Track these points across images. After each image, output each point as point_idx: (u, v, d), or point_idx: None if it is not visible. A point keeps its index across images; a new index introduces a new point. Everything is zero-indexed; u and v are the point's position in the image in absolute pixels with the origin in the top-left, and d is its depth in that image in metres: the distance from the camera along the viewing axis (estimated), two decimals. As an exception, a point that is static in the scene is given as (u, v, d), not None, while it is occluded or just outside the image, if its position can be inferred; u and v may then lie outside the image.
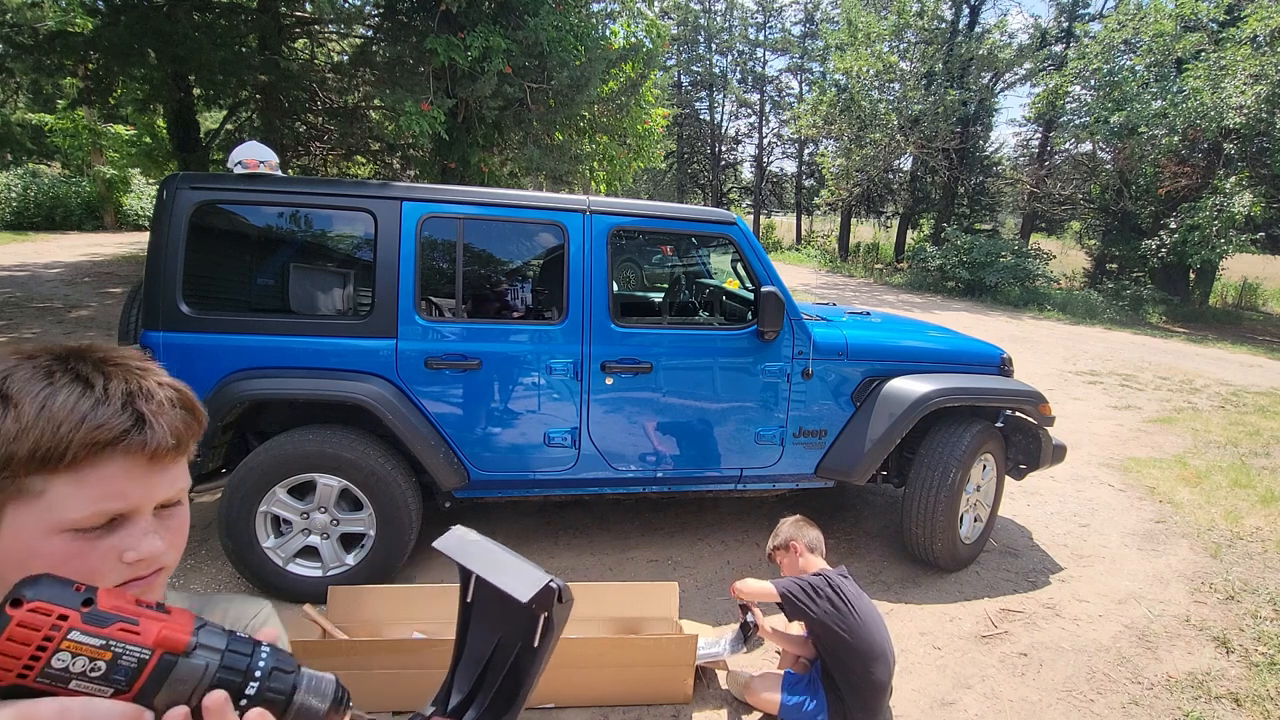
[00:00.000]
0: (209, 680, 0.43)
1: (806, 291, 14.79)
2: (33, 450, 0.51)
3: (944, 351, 3.74)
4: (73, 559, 0.53)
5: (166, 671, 0.42)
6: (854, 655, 2.30)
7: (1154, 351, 10.94)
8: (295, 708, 0.46)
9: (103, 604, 0.42)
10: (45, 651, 0.39)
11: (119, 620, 0.42)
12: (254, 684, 0.45)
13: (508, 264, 3.56)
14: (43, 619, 0.40)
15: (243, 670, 0.45)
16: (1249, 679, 2.84)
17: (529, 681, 0.48)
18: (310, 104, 10.25)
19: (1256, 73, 12.76)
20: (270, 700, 0.45)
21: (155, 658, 0.42)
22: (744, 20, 29.01)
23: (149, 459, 0.56)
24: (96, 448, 0.53)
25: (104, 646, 0.41)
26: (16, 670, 0.39)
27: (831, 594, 2.32)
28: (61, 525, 0.53)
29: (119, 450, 0.54)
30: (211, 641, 0.45)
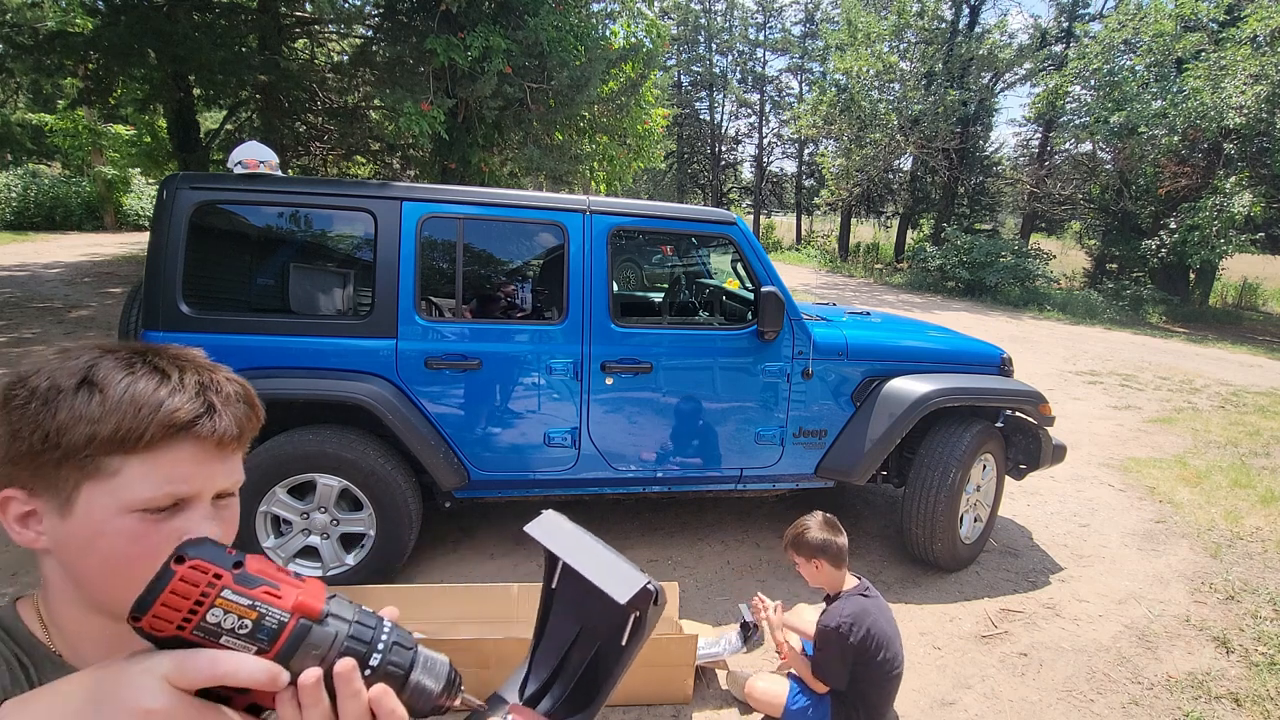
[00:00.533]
0: (338, 648, 0.45)
1: (806, 291, 14.79)
2: (114, 431, 0.55)
3: (944, 351, 3.74)
4: (138, 539, 0.57)
5: (302, 636, 0.44)
6: (875, 673, 2.27)
7: (1154, 351, 10.94)
8: (412, 684, 0.47)
9: (250, 568, 0.45)
10: (202, 606, 0.42)
11: (264, 584, 0.45)
12: (377, 656, 0.46)
13: (508, 264, 3.56)
14: (200, 576, 0.42)
15: (367, 641, 0.46)
16: (1249, 679, 2.84)
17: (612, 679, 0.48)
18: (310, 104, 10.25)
19: (1257, 73, 12.76)
20: (390, 674, 0.46)
21: (293, 621, 0.44)
22: (744, 20, 29.01)
23: (215, 446, 0.60)
24: (171, 430, 0.57)
25: (251, 606, 0.43)
26: (176, 622, 0.41)
27: (871, 624, 2.22)
28: (132, 505, 0.56)
29: (190, 435, 0.58)
30: (341, 612, 0.47)
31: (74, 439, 0.55)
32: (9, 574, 2.99)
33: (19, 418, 0.56)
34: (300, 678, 0.44)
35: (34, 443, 0.55)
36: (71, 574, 0.59)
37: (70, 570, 0.59)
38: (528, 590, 2.73)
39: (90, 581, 0.59)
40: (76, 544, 0.57)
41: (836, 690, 2.31)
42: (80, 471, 0.56)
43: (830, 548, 2.27)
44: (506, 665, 2.34)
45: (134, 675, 0.40)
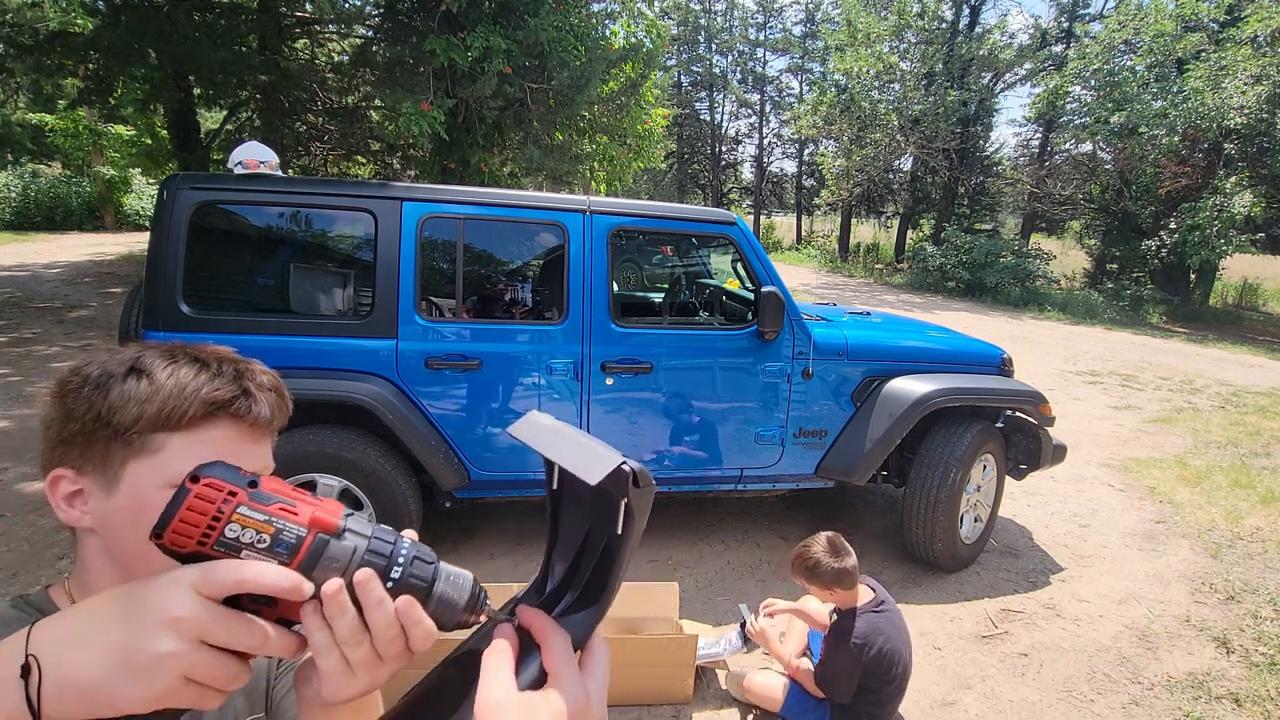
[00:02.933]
0: (358, 561, 0.46)
1: (806, 291, 14.79)
2: (160, 409, 0.61)
3: (944, 352, 3.74)
4: None
5: (321, 550, 0.46)
6: (883, 687, 2.26)
7: (1154, 352, 10.94)
8: (435, 597, 0.48)
9: (264, 486, 0.47)
10: (219, 521, 0.44)
11: (279, 501, 0.46)
12: (398, 569, 0.47)
13: (508, 264, 3.56)
14: (215, 493, 0.44)
15: (387, 555, 0.47)
16: (1249, 679, 2.83)
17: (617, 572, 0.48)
18: (310, 104, 10.25)
19: (1257, 73, 12.76)
20: (413, 586, 0.47)
21: (311, 536, 0.46)
22: (744, 20, 29.01)
23: (250, 427, 0.65)
24: (212, 408, 0.62)
25: (267, 521, 0.45)
26: (196, 537, 0.43)
27: (883, 643, 2.20)
28: (173, 479, 0.59)
29: (229, 414, 0.64)
30: (359, 528, 0.48)
31: (123, 417, 0.60)
32: (10, 574, 2.99)
33: (74, 400, 0.61)
34: (323, 587, 0.45)
35: (86, 422, 0.60)
36: (114, 550, 0.63)
37: (113, 546, 0.63)
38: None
39: (133, 555, 0.62)
40: (121, 518, 0.61)
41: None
42: (127, 448, 0.61)
43: (845, 577, 2.20)
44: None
45: (161, 586, 0.42)
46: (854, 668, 2.19)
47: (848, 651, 2.18)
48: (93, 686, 0.39)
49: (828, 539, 2.26)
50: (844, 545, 2.25)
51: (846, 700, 2.25)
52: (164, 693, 0.40)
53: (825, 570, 2.19)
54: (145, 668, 0.40)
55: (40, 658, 0.40)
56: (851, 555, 2.23)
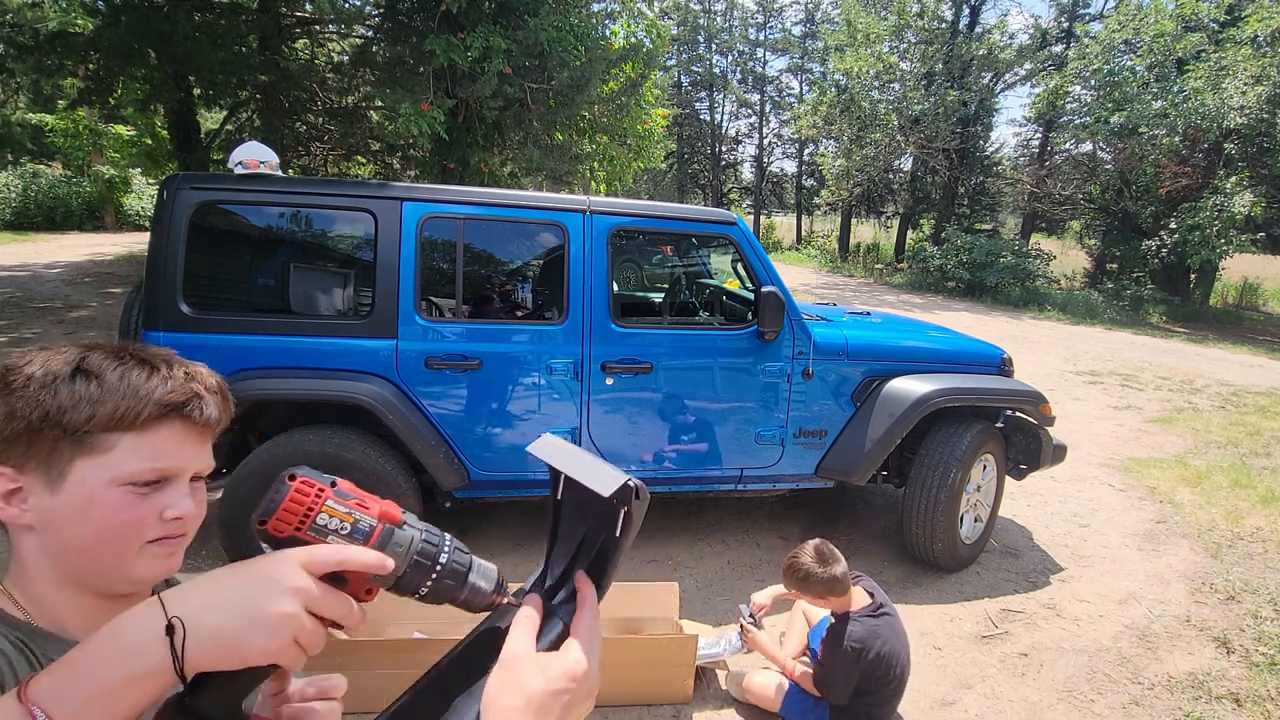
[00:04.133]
0: (416, 546, 0.55)
1: (806, 291, 14.79)
2: (113, 410, 0.62)
3: (944, 352, 3.74)
4: (125, 509, 0.63)
5: (389, 536, 0.54)
6: (881, 690, 2.27)
7: (1154, 351, 10.94)
8: (470, 584, 0.57)
9: (342, 486, 0.55)
10: (312, 512, 0.52)
11: (355, 498, 0.55)
12: (445, 555, 0.56)
13: (508, 264, 3.56)
14: (309, 488, 0.53)
15: (437, 545, 0.57)
16: (1249, 679, 2.83)
17: (612, 566, 0.58)
18: (310, 104, 10.25)
19: (1257, 73, 12.76)
20: (454, 570, 0.57)
21: (380, 525, 0.54)
22: (744, 20, 29.00)
23: (198, 429, 0.68)
24: (165, 410, 0.64)
25: (348, 513, 0.54)
26: (294, 524, 0.52)
27: (881, 646, 2.20)
28: (121, 478, 0.63)
29: (179, 416, 0.66)
30: (415, 523, 0.57)
31: (75, 417, 0.61)
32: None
33: (18, 399, 0.61)
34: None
35: (33, 421, 0.61)
36: (58, 547, 0.64)
37: (57, 543, 0.64)
38: (528, 590, 2.73)
39: (80, 551, 0.64)
40: (67, 515, 0.63)
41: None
42: (76, 447, 0.62)
43: (835, 584, 2.21)
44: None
45: (279, 563, 0.50)
46: (851, 671, 2.20)
47: (845, 655, 2.19)
48: (230, 639, 0.48)
49: (815, 548, 2.26)
50: (831, 553, 2.25)
51: (843, 702, 2.26)
52: (281, 648, 0.49)
53: (816, 579, 2.21)
54: (272, 625, 0.48)
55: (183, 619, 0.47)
56: (840, 562, 2.24)
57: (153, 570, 0.67)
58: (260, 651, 0.48)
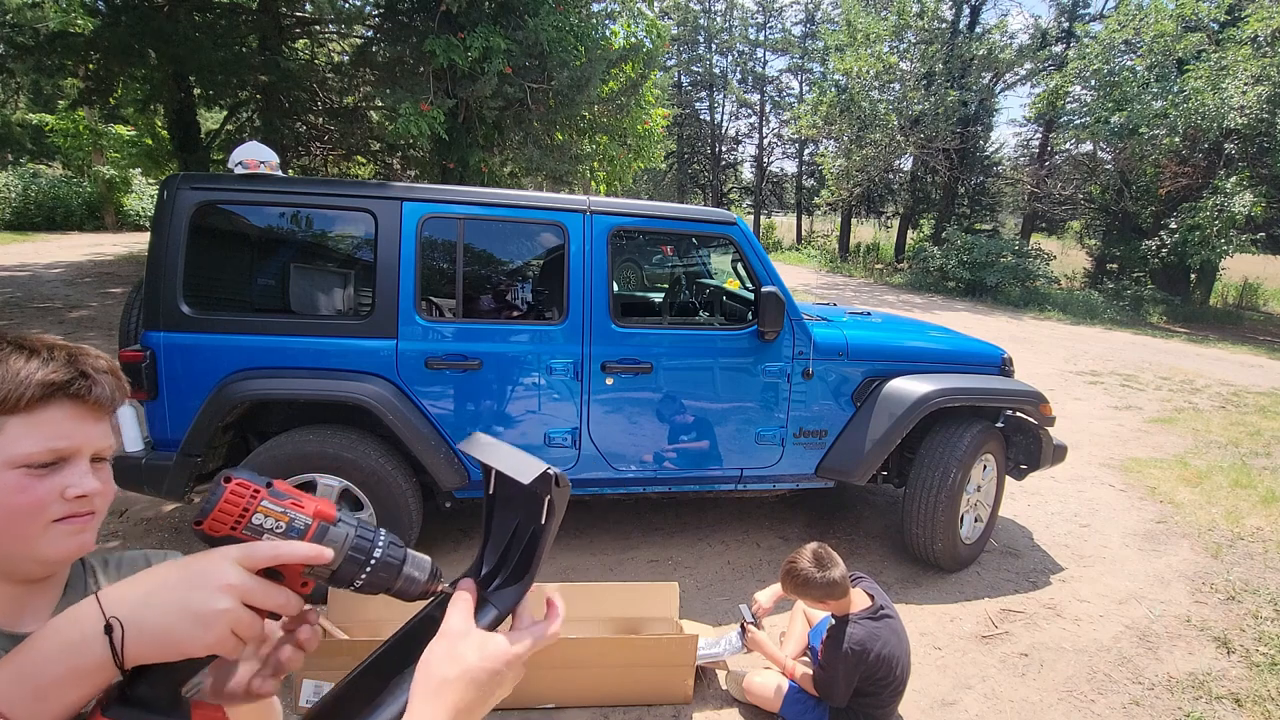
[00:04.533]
0: (350, 542, 0.59)
1: (807, 291, 14.78)
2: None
3: (944, 352, 3.74)
4: (22, 491, 0.63)
5: (324, 532, 0.58)
6: (881, 691, 2.27)
7: (1154, 351, 10.94)
8: (404, 574, 0.61)
9: (279, 487, 0.59)
10: (248, 512, 0.56)
11: (291, 497, 0.59)
12: (379, 549, 0.60)
13: (508, 264, 3.56)
14: (245, 490, 0.56)
15: (370, 539, 0.60)
16: (1250, 679, 2.83)
17: (539, 554, 0.61)
18: (310, 104, 10.25)
19: (1257, 73, 12.75)
20: (388, 564, 0.60)
21: (315, 523, 0.58)
22: (744, 20, 29.00)
23: (89, 408, 0.67)
24: (49, 389, 0.64)
25: (284, 512, 0.57)
26: (229, 524, 0.55)
27: (880, 648, 2.21)
28: (14, 461, 0.63)
29: (67, 396, 0.66)
30: (349, 519, 0.61)
31: None
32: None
33: None
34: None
35: None
36: None
37: None
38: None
39: None
40: None
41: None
42: None
43: (834, 588, 2.22)
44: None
45: (215, 560, 0.53)
46: (850, 674, 2.20)
47: (844, 658, 2.19)
48: (166, 635, 0.51)
49: (813, 552, 2.27)
50: (829, 556, 2.26)
51: (842, 704, 2.26)
52: (217, 641, 0.52)
53: (815, 584, 2.22)
54: (208, 620, 0.51)
55: (121, 618, 0.50)
56: (838, 565, 2.24)
57: (62, 549, 0.66)
58: (196, 645, 0.51)
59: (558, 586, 2.77)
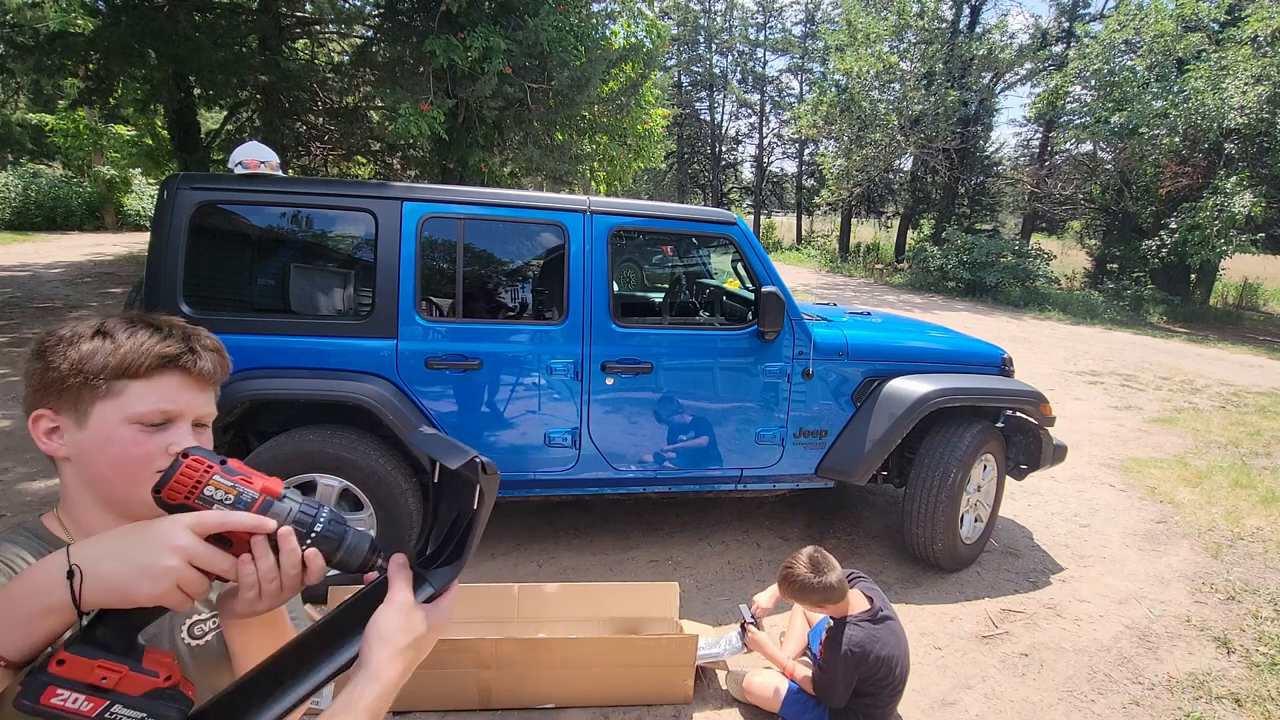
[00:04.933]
0: (292, 517, 0.66)
1: (807, 291, 14.78)
2: (121, 361, 0.76)
3: (945, 352, 3.74)
4: (136, 444, 0.77)
5: (268, 506, 0.65)
6: (880, 693, 2.28)
7: (1155, 351, 10.94)
8: (345, 546, 0.68)
9: (231, 464, 0.66)
10: (200, 484, 0.63)
11: (241, 474, 0.66)
12: (320, 524, 0.67)
13: (508, 264, 3.55)
14: (199, 465, 0.64)
15: (313, 515, 0.67)
16: (1250, 679, 2.83)
17: (472, 538, 0.67)
18: (310, 104, 10.25)
19: (1258, 73, 12.75)
20: (328, 538, 0.67)
21: (261, 497, 0.65)
22: (744, 20, 28.99)
23: (195, 379, 0.81)
24: (164, 360, 0.78)
25: (233, 486, 0.64)
26: (184, 494, 0.62)
27: (879, 650, 2.21)
28: (131, 417, 0.77)
29: (178, 367, 0.79)
30: (293, 496, 0.68)
31: (93, 366, 0.76)
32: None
33: (52, 355, 0.77)
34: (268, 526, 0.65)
35: (63, 371, 0.76)
36: (85, 475, 0.79)
37: (85, 471, 0.78)
38: (528, 590, 2.73)
39: (101, 479, 0.78)
40: (91, 448, 0.77)
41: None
42: (94, 392, 0.76)
43: (831, 592, 2.23)
44: (506, 665, 2.34)
45: (167, 525, 0.61)
46: (849, 676, 2.21)
47: (843, 660, 2.20)
48: (119, 584, 0.58)
49: (809, 557, 2.27)
50: (825, 560, 2.26)
51: (840, 705, 2.26)
52: (164, 593, 0.59)
53: (812, 589, 2.23)
54: (155, 575, 0.59)
55: (81, 566, 0.58)
56: (835, 570, 2.25)
57: None
58: (145, 596, 0.59)
59: (558, 586, 2.78)
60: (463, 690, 2.36)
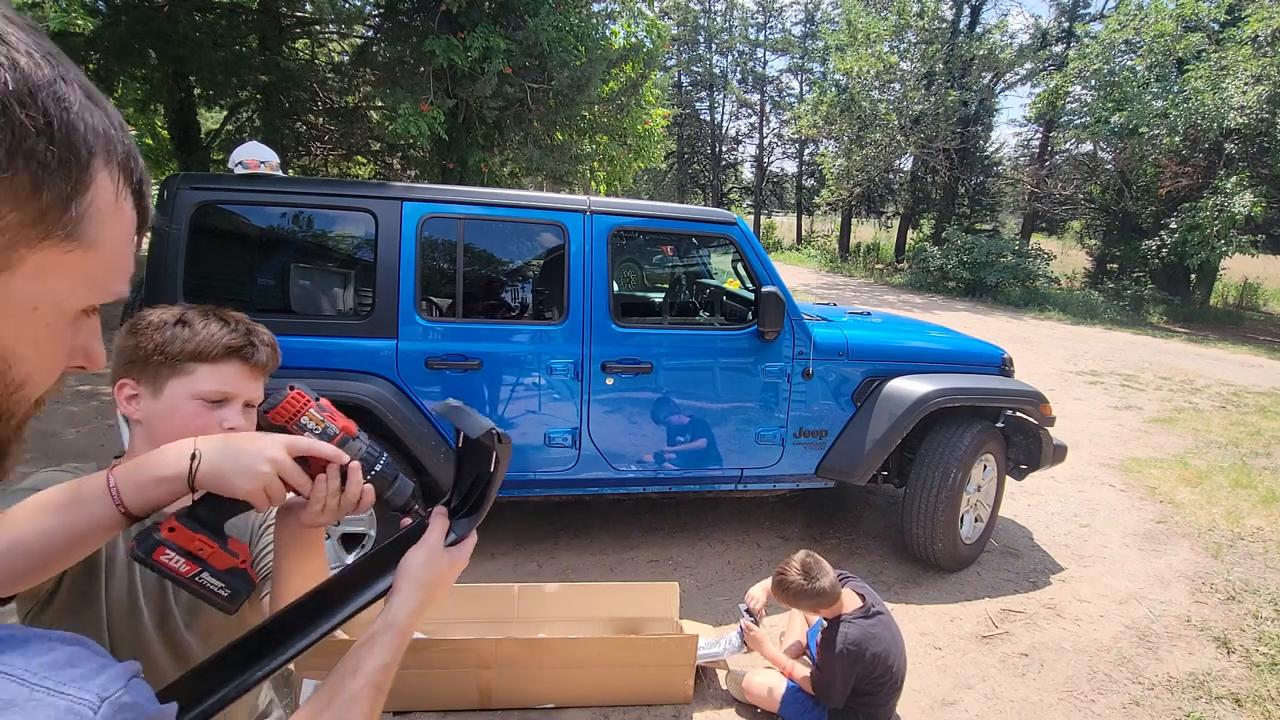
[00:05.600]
0: (360, 453, 0.78)
1: (807, 291, 14.78)
2: (196, 347, 0.94)
3: (945, 351, 3.74)
4: (196, 416, 0.94)
5: (344, 443, 0.77)
6: (877, 690, 2.28)
7: (1155, 351, 10.94)
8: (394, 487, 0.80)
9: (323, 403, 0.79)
10: (299, 414, 0.76)
11: (328, 412, 0.78)
12: (379, 464, 0.79)
13: (508, 264, 3.55)
14: (300, 398, 0.76)
15: (375, 457, 0.79)
16: (1250, 679, 2.83)
17: (489, 494, 0.78)
18: (311, 104, 10.24)
19: (1257, 73, 12.75)
20: (385, 476, 0.79)
21: (340, 434, 0.77)
22: (744, 20, 28.99)
23: (252, 368, 0.99)
24: (229, 351, 0.96)
25: (322, 421, 0.77)
26: (285, 419, 0.75)
27: (874, 647, 2.23)
28: (197, 394, 0.95)
29: (239, 356, 0.97)
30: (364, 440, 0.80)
31: (173, 349, 0.94)
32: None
33: (142, 335, 0.94)
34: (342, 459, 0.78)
35: (148, 350, 0.93)
36: (152, 436, 0.94)
37: (151, 434, 0.94)
38: (528, 590, 2.73)
39: (163, 440, 0.86)
40: (160, 416, 0.94)
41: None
42: (171, 370, 0.94)
43: (823, 596, 2.26)
44: (506, 665, 2.34)
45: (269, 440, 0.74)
46: (846, 674, 2.22)
47: (840, 658, 2.21)
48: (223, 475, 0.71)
49: (801, 562, 2.30)
50: (817, 565, 2.29)
51: (839, 705, 2.27)
52: (253, 491, 0.71)
53: (805, 594, 2.26)
54: (251, 475, 0.71)
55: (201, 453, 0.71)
56: (827, 574, 2.27)
57: None
58: (240, 490, 0.71)
59: (558, 586, 2.78)
60: (463, 690, 2.36)
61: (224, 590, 0.72)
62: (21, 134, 0.34)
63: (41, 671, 0.34)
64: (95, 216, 0.40)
